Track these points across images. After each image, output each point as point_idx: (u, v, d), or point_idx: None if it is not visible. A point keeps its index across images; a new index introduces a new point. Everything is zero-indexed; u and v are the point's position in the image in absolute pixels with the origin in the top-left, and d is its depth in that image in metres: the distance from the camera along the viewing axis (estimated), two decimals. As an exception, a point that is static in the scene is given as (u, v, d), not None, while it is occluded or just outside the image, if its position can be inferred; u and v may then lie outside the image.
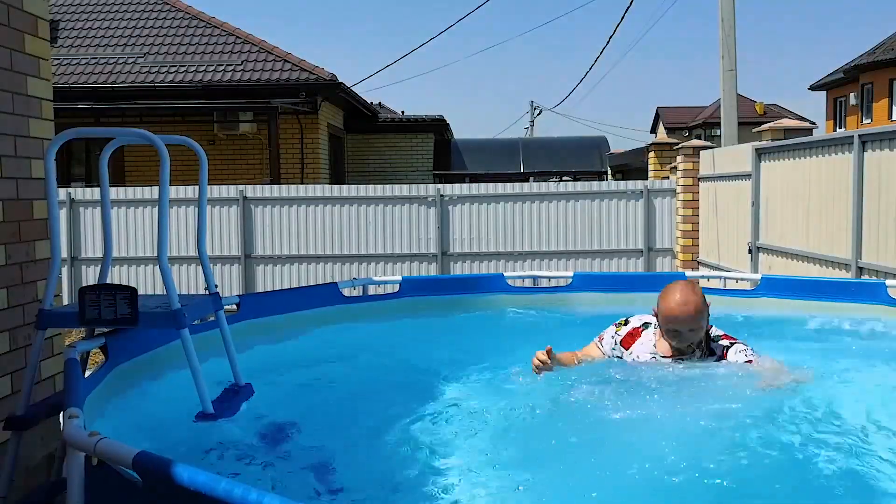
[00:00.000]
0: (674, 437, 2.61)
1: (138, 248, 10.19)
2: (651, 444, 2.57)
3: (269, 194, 10.28)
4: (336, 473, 2.58)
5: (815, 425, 2.86)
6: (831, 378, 3.45)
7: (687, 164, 9.79)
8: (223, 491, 1.44)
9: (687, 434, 2.65)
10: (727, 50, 10.65)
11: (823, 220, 6.59)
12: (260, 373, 3.18)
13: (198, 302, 2.83)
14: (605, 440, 2.73)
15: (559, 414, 2.97)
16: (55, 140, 2.66)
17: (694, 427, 2.69)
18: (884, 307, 4.36)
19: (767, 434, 2.68)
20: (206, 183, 2.98)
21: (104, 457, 1.71)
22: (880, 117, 28.37)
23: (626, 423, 2.78)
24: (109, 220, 2.96)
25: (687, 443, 2.58)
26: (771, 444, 2.63)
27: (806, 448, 2.66)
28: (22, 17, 3.54)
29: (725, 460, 2.48)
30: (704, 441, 2.61)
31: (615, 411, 2.86)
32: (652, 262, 10.17)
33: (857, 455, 2.65)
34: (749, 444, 2.61)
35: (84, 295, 2.52)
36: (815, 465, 2.56)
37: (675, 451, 2.51)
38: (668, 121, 35.89)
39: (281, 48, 14.58)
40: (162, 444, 2.59)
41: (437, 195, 10.15)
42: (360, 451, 2.77)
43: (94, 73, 13.84)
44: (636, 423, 2.79)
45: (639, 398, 2.94)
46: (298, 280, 10.17)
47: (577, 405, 2.96)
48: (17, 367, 3.44)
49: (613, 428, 2.77)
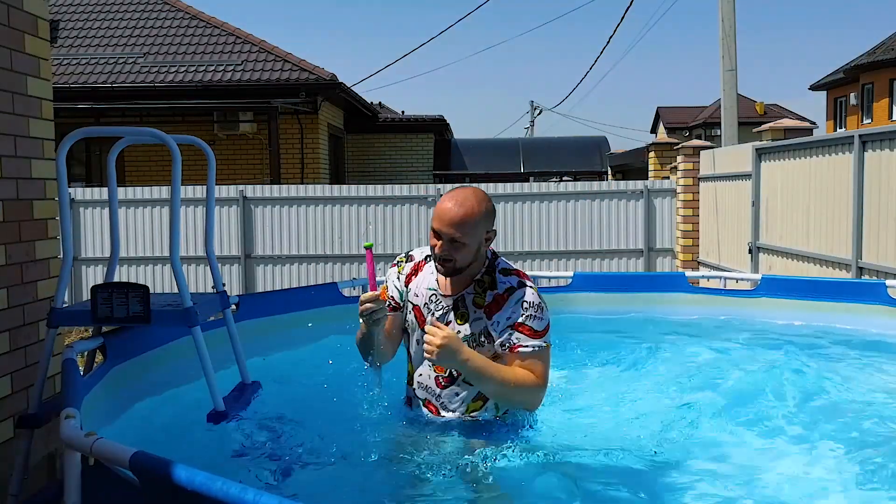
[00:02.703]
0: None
1: (138, 248, 10.20)
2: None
3: (269, 194, 10.28)
4: (335, 473, 2.58)
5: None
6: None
7: (687, 164, 9.78)
8: (219, 491, 1.44)
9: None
10: (727, 50, 10.64)
11: (823, 221, 6.58)
12: (259, 373, 3.19)
13: (208, 300, 2.84)
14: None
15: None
16: (66, 140, 2.66)
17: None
18: (884, 307, 4.36)
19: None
20: (214, 182, 2.98)
21: (101, 457, 1.71)
22: (881, 117, 28.36)
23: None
24: (117, 220, 2.96)
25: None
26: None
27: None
28: (22, 17, 3.53)
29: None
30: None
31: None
32: (652, 262, 10.17)
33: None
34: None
35: (96, 293, 2.53)
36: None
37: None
38: (668, 121, 35.87)
39: (281, 48, 14.58)
40: (162, 445, 2.59)
41: (438, 195, 10.13)
42: (359, 451, 2.76)
43: (94, 73, 13.84)
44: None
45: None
46: (298, 280, 10.17)
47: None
48: (16, 367, 3.44)
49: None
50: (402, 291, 2.92)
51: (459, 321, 2.76)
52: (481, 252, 2.75)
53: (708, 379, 3.72)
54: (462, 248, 2.67)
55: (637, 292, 5.05)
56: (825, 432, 2.95)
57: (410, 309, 2.89)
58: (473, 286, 2.77)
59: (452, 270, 2.73)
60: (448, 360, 2.62)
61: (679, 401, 3.35)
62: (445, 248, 2.67)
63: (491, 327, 2.71)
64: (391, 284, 2.95)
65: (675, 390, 3.53)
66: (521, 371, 2.67)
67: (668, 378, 3.76)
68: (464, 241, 2.66)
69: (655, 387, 3.59)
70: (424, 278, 2.88)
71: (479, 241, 2.70)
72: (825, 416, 3.13)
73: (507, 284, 2.75)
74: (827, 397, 3.42)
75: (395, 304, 2.92)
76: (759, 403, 3.32)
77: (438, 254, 2.70)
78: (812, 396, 3.42)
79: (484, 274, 2.79)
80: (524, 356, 2.68)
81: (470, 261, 2.72)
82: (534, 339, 2.69)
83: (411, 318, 2.88)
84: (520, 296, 2.72)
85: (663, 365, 4.04)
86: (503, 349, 2.71)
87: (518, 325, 2.69)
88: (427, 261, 2.93)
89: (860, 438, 2.89)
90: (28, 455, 2.63)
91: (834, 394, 3.46)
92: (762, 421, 3.10)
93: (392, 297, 2.92)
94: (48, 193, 3.73)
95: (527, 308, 2.70)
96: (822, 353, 4.10)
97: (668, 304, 4.97)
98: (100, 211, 10.19)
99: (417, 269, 2.93)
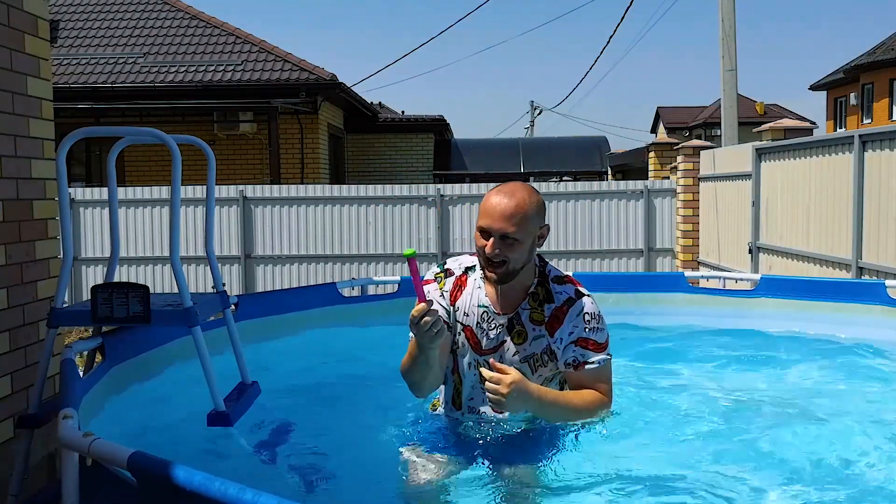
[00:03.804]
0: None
1: (138, 248, 10.20)
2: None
3: (269, 194, 10.28)
4: (334, 474, 2.58)
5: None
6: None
7: (687, 164, 9.78)
8: (218, 491, 1.44)
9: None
10: (727, 50, 10.64)
11: (823, 221, 6.58)
12: (259, 373, 3.18)
13: (208, 300, 2.84)
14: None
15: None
16: (66, 140, 2.65)
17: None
18: (884, 307, 4.36)
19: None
20: (214, 182, 2.98)
21: (99, 457, 1.71)
22: (881, 117, 28.37)
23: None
24: (117, 220, 2.96)
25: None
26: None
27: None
28: (22, 17, 3.53)
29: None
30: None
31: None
32: (652, 262, 10.16)
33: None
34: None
35: (96, 293, 2.53)
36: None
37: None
38: (669, 121, 35.88)
39: (281, 48, 14.59)
40: (160, 445, 2.58)
41: (437, 195, 10.14)
42: (358, 451, 2.76)
43: (94, 73, 13.85)
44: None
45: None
46: (298, 280, 10.17)
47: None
48: (16, 367, 3.44)
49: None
50: (448, 310, 2.62)
51: (517, 340, 2.55)
52: (533, 253, 2.55)
53: (708, 379, 3.72)
54: (516, 246, 2.44)
55: (637, 292, 5.05)
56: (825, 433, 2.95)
57: (460, 330, 2.61)
58: (528, 300, 2.56)
59: (505, 274, 2.48)
60: (519, 406, 2.41)
61: (680, 402, 3.34)
62: (497, 246, 2.42)
63: (554, 345, 2.54)
64: (436, 299, 2.63)
65: (676, 392, 3.53)
66: (588, 394, 2.52)
67: (669, 378, 3.76)
68: (517, 237, 2.43)
69: (656, 389, 3.59)
70: (472, 294, 2.61)
71: (532, 237, 2.50)
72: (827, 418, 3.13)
73: (565, 295, 2.56)
74: (827, 398, 3.41)
75: (445, 322, 2.56)
76: (759, 404, 3.32)
77: (489, 254, 2.44)
78: (812, 397, 3.42)
79: (537, 285, 2.58)
80: (590, 373, 2.52)
81: (524, 261, 2.50)
82: (598, 354, 2.54)
83: (462, 340, 2.61)
84: (580, 308, 2.54)
85: (664, 365, 4.04)
86: (567, 368, 2.54)
87: (582, 339, 2.52)
88: (468, 273, 2.66)
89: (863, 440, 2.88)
90: (28, 455, 2.63)
91: (835, 394, 3.46)
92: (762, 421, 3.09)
93: (440, 316, 2.48)
94: (48, 193, 3.73)
95: (589, 320, 2.53)
96: (822, 353, 4.09)
97: (667, 304, 4.97)
98: (100, 211, 10.19)
99: (461, 285, 2.65)
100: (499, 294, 2.57)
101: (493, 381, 2.34)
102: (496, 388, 2.33)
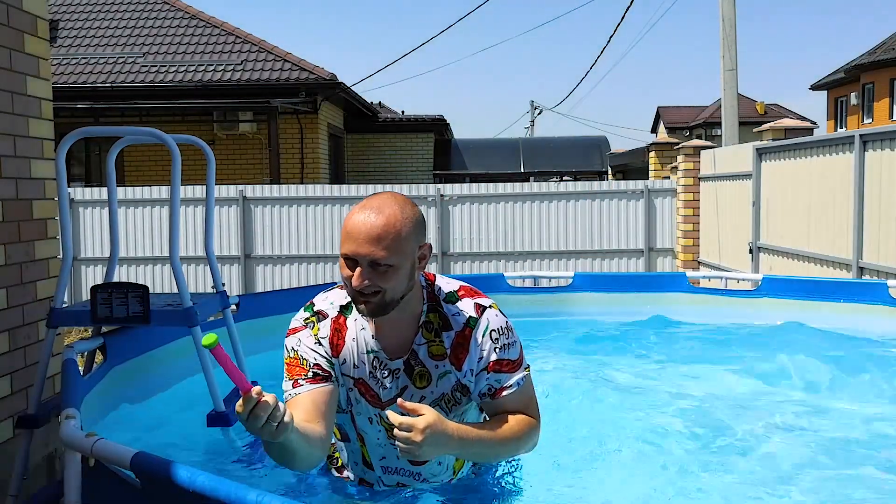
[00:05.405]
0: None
1: (138, 248, 10.19)
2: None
3: (269, 194, 10.27)
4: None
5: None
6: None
7: (687, 164, 9.78)
8: (221, 492, 1.43)
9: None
10: (728, 49, 10.64)
11: (824, 220, 6.57)
12: (259, 373, 3.18)
13: (207, 300, 2.84)
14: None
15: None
16: (66, 139, 2.65)
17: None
18: (885, 307, 4.36)
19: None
20: (214, 182, 2.99)
21: (101, 458, 1.71)
22: (881, 117, 28.37)
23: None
24: (116, 220, 2.96)
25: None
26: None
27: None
28: (22, 17, 3.53)
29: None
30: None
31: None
32: (652, 263, 10.16)
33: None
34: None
35: (96, 293, 2.52)
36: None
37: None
38: (669, 120, 35.89)
39: (281, 48, 14.58)
40: (160, 445, 2.58)
41: (437, 195, 10.14)
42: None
43: (93, 72, 13.84)
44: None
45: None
46: (298, 280, 10.17)
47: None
48: (16, 367, 3.43)
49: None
50: (332, 362, 2.13)
51: (420, 384, 2.13)
52: (415, 278, 2.07)
53: (708, 380, 3.71)
54: (390, 274, 1.97)
55: (638, 292, 5.05)
56: (826, 434, 2.94)
57: (352, 384, 2.15)
58: (421, 333, 2.12)
59: (381, 307, 2.01)
60: (438, 451, 2.00)
61: (679, 404, 3.34)
62: (367, 276, 1.96)
63: (464, 379, 2.13)
64: (309, 352, 2.12)
65: (676, 394, 3.52)
66: (514, 421, 2.14)
67: (668, 380, 3.76)
68: (390, 263, 1.96)
69: (656, 392, 3.58)
70: (357, 340, 2.14)
71: (411, 260, 2.02)
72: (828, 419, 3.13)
73: (463, 317, 2.14)
74: (828, 399, 3.41)
75: (324, 372, 2.11)
76: (759, 403, 3.32)
77: (357, 287, 1.97)
78: (812, 398, 3.42)
79: (428, 312, 2.14)
80: (511, 398, 2.14)
81: (404, 290, 2.03)
82: (515, 374, 2.15)
83: (355, 396, 2.16)
84: (484, 326, 2.14)
85: (663, 366, 4.04)
86: (483, 398, 2.16)
87: (494, 363, 2.13)
88: (344, 313, 2.17)
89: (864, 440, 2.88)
90: (28, 455, 2.62)
91: (835, 395, 3.46)
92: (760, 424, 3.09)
93: (318, 364, 2.11)
94: (48, 193, 3.73)
95: (497, 338, 2.13)
96: (822, 354, 4.09)
97: (668, 304, 4.97)
98: (99, 211, 10.18)
99: (339, 329, 2.16)
100: (384, 332, 2.13)
101: (404, 427, 1.90)
102: (408, 437, 1.90)
